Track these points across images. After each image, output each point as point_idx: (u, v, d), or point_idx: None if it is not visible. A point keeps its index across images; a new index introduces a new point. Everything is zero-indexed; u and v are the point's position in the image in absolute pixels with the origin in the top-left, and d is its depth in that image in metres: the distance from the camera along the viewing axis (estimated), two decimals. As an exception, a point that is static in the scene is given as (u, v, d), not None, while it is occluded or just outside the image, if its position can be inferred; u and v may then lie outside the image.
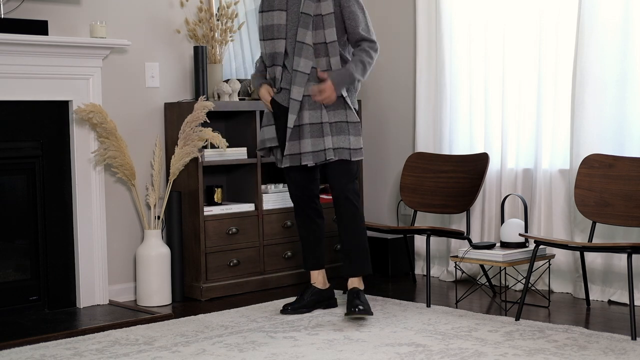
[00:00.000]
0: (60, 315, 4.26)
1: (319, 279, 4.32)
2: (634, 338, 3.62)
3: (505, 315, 4.14)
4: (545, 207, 4.70)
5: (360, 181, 5.36)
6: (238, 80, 4.97)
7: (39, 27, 4.19)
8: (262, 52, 4.20)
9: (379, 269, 5.26)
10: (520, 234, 4.23)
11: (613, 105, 4.40)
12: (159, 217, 4.60)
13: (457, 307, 4.33)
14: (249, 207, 4.85)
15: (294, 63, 4.06)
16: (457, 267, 4.55)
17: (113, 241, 4.61)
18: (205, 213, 4.67)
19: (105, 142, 4.37)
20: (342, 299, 4.34)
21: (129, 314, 4.24)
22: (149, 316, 4.18)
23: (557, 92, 4.66)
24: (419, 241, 5.30)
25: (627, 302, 4.21)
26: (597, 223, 4.23)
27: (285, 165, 4.12)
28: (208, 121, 4.50)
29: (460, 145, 5.08)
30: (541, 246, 4.15)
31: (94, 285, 4.46)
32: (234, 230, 4.76)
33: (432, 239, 4.95)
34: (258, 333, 3.84)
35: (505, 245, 4.34)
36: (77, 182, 4.40)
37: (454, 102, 5.09)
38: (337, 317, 4.11)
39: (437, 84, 5.14)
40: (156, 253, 4.50)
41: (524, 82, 4.79)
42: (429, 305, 4.30)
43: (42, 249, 4.34)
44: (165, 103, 4.82)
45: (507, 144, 4.85)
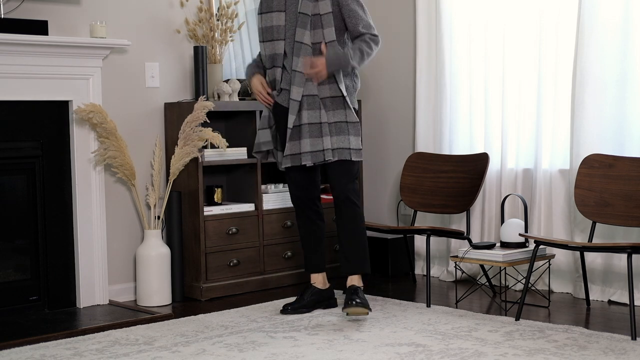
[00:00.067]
0: (60, 315, 4.26)
1: (319, 279, 4.32)
2: (634, 338, 3.62)
3: (505, 315, 4.14)
4: (545, 207, 4.70)
5: (360, 181, 5.36)
6: (238, 80, 4.97)
7: (39, 27, 4.19)
8: (262, 54, 4.19)
9: (379, 269, 5.26)
10: (520, 234, 4.23)
11: (613, 105, 4.40)
12: (159, 217, 4.60)
13: (457, 307, 4.33)
14: (249, 207, 4.85)
15: (292, 63, 4.05)
16: (457, 267, 4.55)
17: (113, 241, 4.61)
18: (205, 213, 4.67)
19: (105, 142, 4.37)
20: (342, 299, 4.33)
21: (129, 314, 4.24)
22: (149, 316, 4.18)
23: (557, 92, 4.66)
24: (419, 241, 5.30)
25: (627, 302, 4.21)
26: (597, 223, 4.23)
27: (286, 166, 4.12)
28: (208, 121, 4.50)
29: (460, 145, 5.08)
30: (541, 246, 4.15)
31: (94, 285, 4.46)
32: (234, 230, 4.76)
33: (432, 239, 4.95)
34: (258, 333, 3.84)
35: (505, 245, 4.34)
36: (77, 182, 4.40)
37: (454, 102, 5.08)
38: (337, 317, 4.11)
39: (437, 84, 5.14)
40: (156, 253, 4.50)
41: (524, 82, 4.79)
42: (429, 305, 4.30)
43: (42, 249, 4.33)
44: (165, 103, 4.82)
45: (507, 144, 4.85)
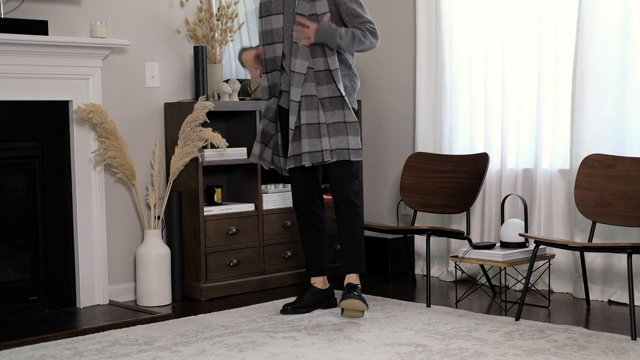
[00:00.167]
0: (60, 315, 4.26)
1: (319, 279, 4.32)
2: (634, 338, 3.62)
3: (505, 315, 4.14)
4: (545, 207, 4.70)
5: (360, 181, 5.35)
6: (238, 80, 4.97)
7: (39, 27, 4.19)
8: (262, 59, 4.19)
9: (379, 269, 5.26)
10: (520, 234, 4.23)
11: (613, 105, 4.40)
12: (159, 217, 4.60)
13: (457, 307, 4.33)
14: (249, 207, 4.85)
15: (290, 64, 4.06)
16: (457, 267, 4.55)
17: (113, 241, 4.61)
18: (205, 213, 4.66)
19: (105, 142, 4.37)
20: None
21: (129, 314, 4.24)
22: (149, 316, 4.17)
23: (557, 92, 4.66)
24: (419, 241, 5.30)
25: (627, 302, 4.21)
26: (597, 223, 4.23)
27: (289, 167, 4.12)
28: (208, 121, 4.50)
29: (460, 145, 5.08)
30: (541, 246, 4.15)
31: (94, 285, 4.46)
32: (234, 230, 4.76)
33: (432, 239, 4.95)
34: (258, 333, 3.84)
35: (505, 245, 4.33)
36: (77, 182, 4.40)
37: (454, 102, 5.08)
38: (337, 317, 4.10)
39: (437, 84, 5.14)
40: (156, 253, 4.50)
41: (524, 82, 4.79)
42: (429, 305, 4.30)
43: (42, 249, 4.33)
44: (165, 103, 4.82)
45: (507, 144, 4.85)
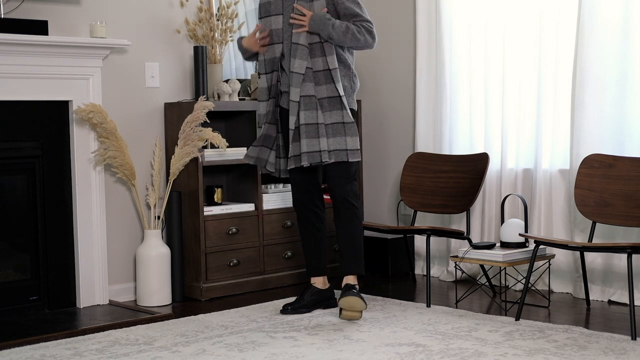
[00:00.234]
0: (60, 315, 4.26)
1: (319, 279, 4.32)
2: (634, 338, 3.62)
3: (505, 315, 4.14)
4: (545, 207, 4.70)
5: (360, 181, 5.36)
6: (238, 80, 4.97)
7: (39, 27, 4.19)
8: (262, 60, 4.18)
9: (379, 269, 5.26)
10: (520, 234, 4.23)
11: (613, 105, 4.40)
12: (159, 217, 4.60)
13: (457, 307, 4.33)
14: (249, 207, 4.85)
15: (290, 65, 4.06)
16: (457, 267, 4.55)
17: (113, 241, 4.61)
18: (205, 213, 4.66)
19: (105, 142, 4.37)
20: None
21: (129, 314, 4.24)
22: (149, 316, 4.17)
23: (557, 92, 4.66)
24: (419, 241, 5.29)
25: (627, 302, 4.21)
26: (597, 223, 4.23)
27: (290, 167, 4.12)
28: (208, 121, 4.50)
29: (460, 145, 5.08)
30: (541, 246, 4.15)
31: (94, 285, 4.46)
32: (234, 230, 4.76)
33: (432, 239, 4.95)
34: (258, 333, 3.84)
35: (505, 245, 4.33)
36: (77, 182, 4.40)
37: (454, 102, 5.08)
38: (337, 317, 4.10)
39: (437, 84, 5.14)
40: (156, 253, 4.50)
41: (524, 82, 4.79)
42: (429, 305, 4.30)
43: (42, 249, 4.33)
44: (165, 103, 4.82)
45: (507, 144, 4.85)
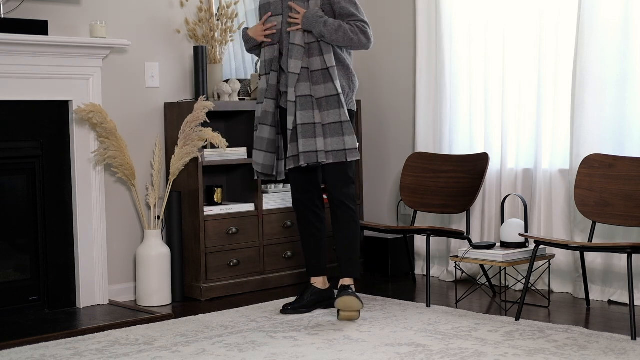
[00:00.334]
0: (60, 315, 4.26)
1: (319, 279, 4.32)
2: (634, 338, 3.62)
3: (505, 315, 4.14)
4: (545, 207, 4.70)
5: (360, 181, 5.36)
6: (238, 80, 4.97)
7: (39, 27, 4.19)
8: (262, 61, 4.19)
9: (379, 269, 5.26)
10: (520, 234, 4.23)
11: (613, 105, 4.40)
12: (159, 217, 4.60)
13: (457, 307, 4.33)
14: (249, 207, 4.85)
15: (287, 65, 4.07)
16: (457, 267, 4.55)
17: (113, 241, 4.61)
18: (205, 213, 4.66)
19: (105, 142, 4.37)
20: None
21: (129, 314, 4.24)
22: (149, 316, 4.17)
23: (557, 92, 4.66)
24: (419, 241, 5.29)
25: (627, 302, 4.21)
26: (597, 223, 4.23)
27: (289, 167, 4.12)
28: (208, 121, 4.50)
29: (460, 145, 5.08)
30: (541, 246, 4.15)
31: (94, 285, 4.46)
32: (234, 230, 4.76)
33: (432, 239, 4.95)
34: (258, 333, 3.84)
35: (505, 245, 4.33)
36: (77, 182, 4.40)
37: (454, 102, 5.08)
38: (337, 317, 4.10)
39: (437, 84, 5.14)
40: (156, 253, 4.50)
41: (524, 82, 4.79)
42: (429, 305, 4.30)
43: (42, 249, 4.33)
44: (165, 103, 4.82)
45: (507, 144, 4.85)
